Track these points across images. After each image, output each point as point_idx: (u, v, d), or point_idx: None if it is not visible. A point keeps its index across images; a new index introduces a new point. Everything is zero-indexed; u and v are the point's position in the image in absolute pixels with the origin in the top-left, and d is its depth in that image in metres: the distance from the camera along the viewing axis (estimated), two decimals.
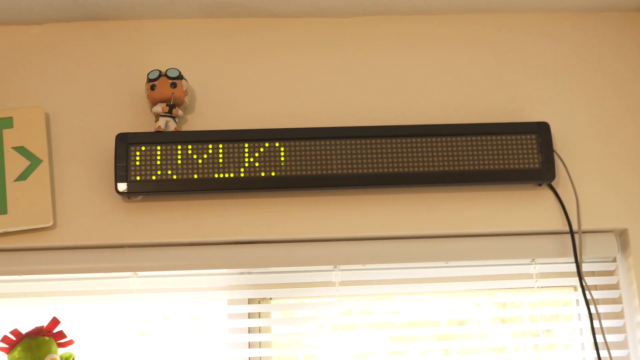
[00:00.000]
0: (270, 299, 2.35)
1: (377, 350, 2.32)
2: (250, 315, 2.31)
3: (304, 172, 2.23)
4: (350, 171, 2.24)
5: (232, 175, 2.23)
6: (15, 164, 2.24)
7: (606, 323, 2.24)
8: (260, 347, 2.29)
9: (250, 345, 2.28)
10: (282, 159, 2.24)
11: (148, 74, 2.27)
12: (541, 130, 2.28)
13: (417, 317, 2.36)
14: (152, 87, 2.26)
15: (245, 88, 2.36)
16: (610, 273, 2.35)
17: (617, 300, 2.31)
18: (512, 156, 2.26)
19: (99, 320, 2.30)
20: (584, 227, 2.27)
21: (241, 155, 2.24)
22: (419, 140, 2.26)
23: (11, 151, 2.25)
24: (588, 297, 2.20)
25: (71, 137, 2.30)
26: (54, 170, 2.27)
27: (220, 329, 2.33)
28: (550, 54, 2.41)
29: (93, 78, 2.36)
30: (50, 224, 2.21)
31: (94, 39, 2.39)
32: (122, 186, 2.21)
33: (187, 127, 2.32)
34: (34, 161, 2.24)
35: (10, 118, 2.28)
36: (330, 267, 2.29)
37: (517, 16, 2.44)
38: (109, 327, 2.30)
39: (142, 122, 2.31)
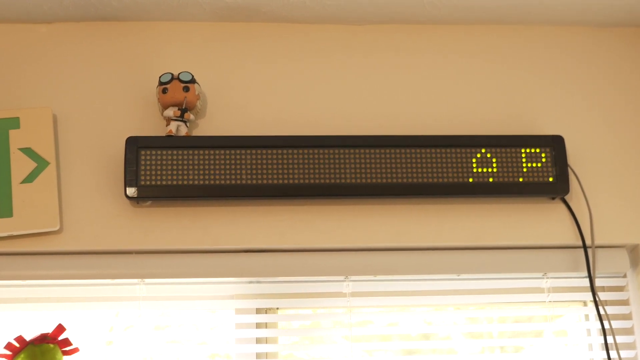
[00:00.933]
0: (277, 309, 2.32)
1: None
2: (258, 326, 2.27)
3: (316, 181, 2.20)
4: (363, 181, 2.21)
5: (243, 182, 2.19)
6: (21, 166, 2.18)
7: (617, 339, 2.23)
8: (267, 358, 2.26)
9: (257, 356, 2.25)
10: (295, 166, 2.21)
11: (160, 77, 2.23)
12: (556, 144, 2.27)
13: (429, 330, 2.34)
14: (164, 91, 2.22)
15: (258, 94, 2.33)
16: (620, 289, 2.34)
17: (627, 317, 2.30)
18: (526, 169, 2.24)
19: (105, 328, 2.24)
20: (596, 242, 2.25)
21: (253, 162, 2.20)
22: (433, 150, 2.24)
23: (17, 152, 2.19)
24: (602, 312, 2.19)
25: (79, 139, 2.25)
26: (61, 173, 2.21)
27: (227, 338, 2.28)
28: (565, 68, 2.40)
29: (102, 79, 2.31)
30: (57, 228, 2.15)
31: (105, 39, 2.34)
32: (132, 191, 2.16)
33: (197, 132, 2.28)
34: (41, 163, 2.19)
35: (17, 118, 2.22)
36: (341, 278, 2.26)
37: (532, 28, 2.43)
38: (115, 334, 2.25)
39: (151, 125, 2.26)
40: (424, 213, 2.26)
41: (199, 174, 2.18)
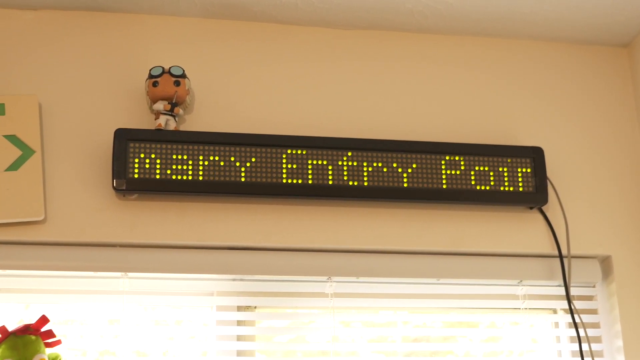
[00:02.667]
0: (255, 307, 2.31)
1: None
2: (239, 323, 2.27)
3: (302, 181, 2.21)
4: (348, 183, 2.23)
5: (230, 179, 2.19)
6: (6, 153, 2.14)
7: (585, 347, 2.30)
8: (247, 355, 2.25)
9: (238, 353, 2.24)
10: (282, 166, 2.22)
11: (150, 70, 2.21)
12: (536, 155, 2.33)
13: (411, 332, 2.38)
14: (155, 84, 2.20)
15: (245, 92, 2.33)
16: (589, 298, 2.41)
17: (595, 325, 2.37)
18: (507, 178, 2.30)
19: (87, 321, 2.21)
20: (571, 252, 2.32)
21: (242, 159, 2.20)
22: (416, 156, 2.28)
23: (2, 139, 2.15)
24: (577, 320, 2.25)
25: (65, 129, 2.21)
26: (46, 162, 2.18)
27: (208, 335, 2.27)
28: (545, 82, 2.48)
29: (90, 70, 2.28)
30: (42, 217, 2.11)
31: (93, 29, 2.31)
32: (119, 183, 2.13)
33: (184, 127, 2.26)
34: (26, 151, 2.15)
35: (2, 105, 2.17)
36: (324, 278, 2.27)
37: (516, 42, 2.50)
38: (96, 327, 2.22)
39: (138, 118, 2.25)
40: (407, 217, 2.29)
41: (187, 169, 2.17)
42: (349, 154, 2.25)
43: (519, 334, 2.36)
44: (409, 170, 2.27)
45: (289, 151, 2.22)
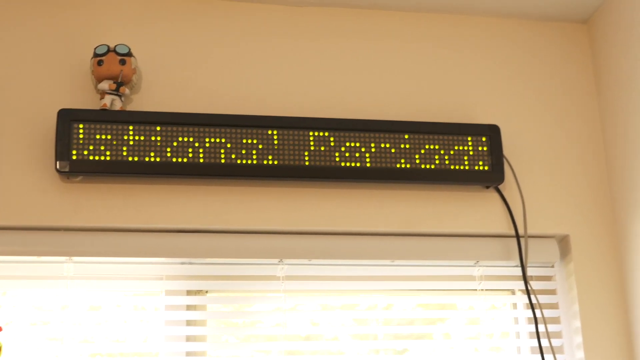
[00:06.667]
0: (206, 291, 2.26)
1: (321, 347, 2.27)
2: (188, 308, 2.22)
3: (251, 161, 2.16)
4: (299, 163, 2.18)
5: (177, 160, 2.13)
6: None
7: (542, 328, 2.26)
8: (197, 340, 2.20)
9: (187, 338, 2.19)
10: (229, 145, 2.16)
11: (95, 49, 2.16)
12: (492, 133, 2.29)
13: (364, 315, 2.34)
14: (99, 63, 2.15)
15: (195, 71, 2.27)
16: (548, 278, 2.37)
17: (554, 306, 2.34)
18: (462, 157, 2.26)
19: (30, 307, 2.15)
20: (528, 231, 2.28)
21: (188, 139, 2.14)
22: (369, 135, 2.23)
23: None
24: (534, 301, 2.22)
25: (8, 109, 2.16)
26: None
27: (157, 320, 2.22)
28: (503, 59, 2.44)
29: (34, 49, 2.22)
30: None
31: (37, 6, 2.25)
32: (62, 165, 2.08)
33: (132, 107, 2.21)
34: None
35: None
36: (276, 261, 2.23)
37: (473, 19, 2.45)
38: (39, 314, 2.16)
39: (85, 98, 2.19)
40: (360, 198, 2.25)
41: (133, 150, 2.12)
42: (300, 132, 2.20)
43: (476, 316, 2.32)
44: (363, 150, 2.22)
45: (237, 130, 2.17)
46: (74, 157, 2.08)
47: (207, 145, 2.15)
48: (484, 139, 2.28)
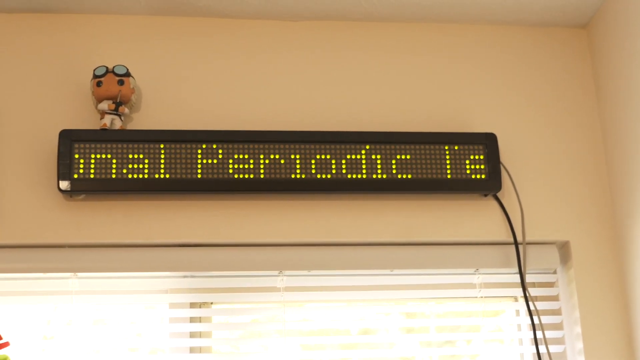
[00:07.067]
0: (212, 303, 2.32)
1: (322, 357, 2.31)
2: (192, 320, 2.27)
3: (249, 176, 2.20)
4: (296, 176, 2.22)
5: (177, 176, 2.18)
6: None
7: (546, 334, 2.27)
8: (201, 352, 2.25)
9: (191, 350, 2.24)
10: (229, 161, 2.21)
11: (94, 70, 2.22)
12: (488, 141, 2.30)
13: (363, 325, 2.36)
14: (99, 84, 2.21)
15: (192, 88, 2.32)
16: (550, 285, 2.37)
17: (556, 312, 2.35)
18: (459, 166, 2.28)
19: (36, 322, 2.22)
20: (527, 238, 2.29)
21: (187, 156, 2.20)
22: (367, 147, 2.26)
23: None
24: (532, 307, 2.23)
25: (11, 131, 2.23)
26: None
27: (161, 333, 2.27)
28: (499, 66, 2.44)
29: (36, 72, 2.29)
30: None
31: (38, 31, 2.32)
32: (65, 184, 2.15)
33: (132, 125, 2.27)
34: None
35: None
36: (275, 273, 2.27)
37: (467, 27, 2.46)
38: (46, 329, 2.23)
39: (86, 119, 2.25)
40: (358, 209, 2.28)
41: (133, 167, 2.18)
42: (298, 146, 2.24)
43: (478, 323, 2.33)
44: (359, 161, 2.25)
45: (235, 146, 2.21)
46: (76, 177, 2.15)
47: (206, 161, 2.20)
48: (480, 147, 2.29)
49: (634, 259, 2.25)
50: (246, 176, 2.21)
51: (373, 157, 2.25)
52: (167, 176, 2.18)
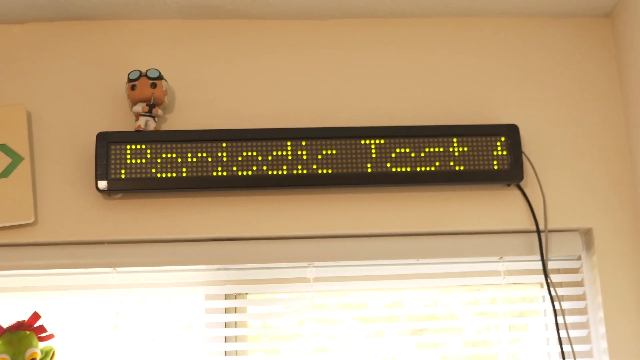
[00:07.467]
0: (247, 294, 2.42)
1: (350, 344, 2.39)
2: (226, 311, 2.37)
3: (280, 172, 2.29)
4: (324, 171, 2.30)
5: (209, 174, 2.28)
6: None
7: (571, 319, 2.34)
8: (236, 341, 2.36)
9: (226, 339, 2.35)
10: (260, 158, 2.29)
11: (129, 74, 2.32)
12: (510, 132, 2.35)
13: (389, 312, 2.44)
14: (133, 87, 2.31)
15: (224, 88, 2.41)
16: (575, 271, 2.42)
17: (581, 297, 2.40)
18: (482, 157, 2.33)
19: (79, 315, 2.35)
20: (550, 226, 2.34)
21: (219, 154, 2.29)
22: (392, 141, 2.32)
23: None
24: (553, 293, 2.28)
25: (52, 135, 2.35)
26: (35, 168, 2.32)
27: (197, 323, 2.39)
28: (522, 58, 2.48)
29: (74, 77, 2.40)
30: (32, 220, 2.26)
31: (76, 38, 2.43)
32: (102, 184, 2.26)
33: (166, 126, 2.37)
34: (16, 158, 2.29)
35: None
36: (305, 264, 2.36)
37: (489, 20, 2.51)
38: (89, 321, 2.35)
39: (122, 121, 2.36)
40: (385, 201, 2.35)
41: (167, 167, 2.28)
42: (327, 142, 2.32)
43: (504, 310, 2.40)
44: (386, 155, 2.32)
45: (265, 143, 2.30)
46: (113, 177, 2.26)
47: (240, 159, 2.29)
48: (503, 138, 2.34)
49: None
50: (276, 172, 2.29)
51: (398, 150, 2.32)
52: (199, 174, 2.28)
